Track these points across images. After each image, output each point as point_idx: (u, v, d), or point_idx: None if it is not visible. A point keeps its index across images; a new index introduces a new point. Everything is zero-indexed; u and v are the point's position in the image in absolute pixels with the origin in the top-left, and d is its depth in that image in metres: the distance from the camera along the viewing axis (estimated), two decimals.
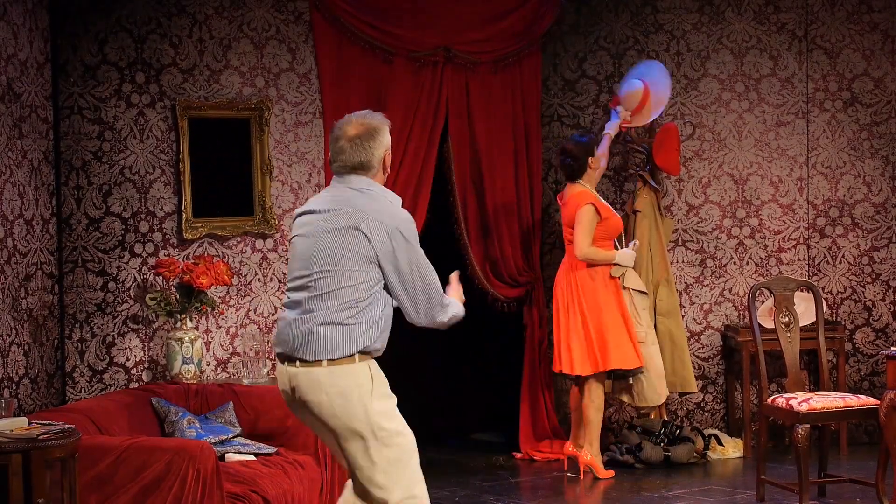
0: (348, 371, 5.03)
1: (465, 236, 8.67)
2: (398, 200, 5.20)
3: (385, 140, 5.16)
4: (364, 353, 5.06)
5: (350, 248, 5.02)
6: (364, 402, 5.03)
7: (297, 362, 5.08)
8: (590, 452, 8.22)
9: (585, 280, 8.17)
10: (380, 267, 5.03)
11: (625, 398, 8.56)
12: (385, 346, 5.16)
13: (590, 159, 8.23)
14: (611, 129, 8.55)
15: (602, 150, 8.41)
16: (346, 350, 5.02)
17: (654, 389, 8.46)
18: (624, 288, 8.31)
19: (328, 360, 5.03)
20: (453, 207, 8.67)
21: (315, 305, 5.07)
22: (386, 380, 5.16)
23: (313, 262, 5.08)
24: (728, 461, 8.69)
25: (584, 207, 8.11)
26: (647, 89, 8.50)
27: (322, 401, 5.03)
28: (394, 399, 5.19)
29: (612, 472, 8.26)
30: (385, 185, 5.24)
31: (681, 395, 8.96)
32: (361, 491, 5.11)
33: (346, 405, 5.02)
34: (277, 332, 5.22)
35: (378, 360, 5.21)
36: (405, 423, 5.19)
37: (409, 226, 5.08)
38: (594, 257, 8.15)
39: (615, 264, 8.19)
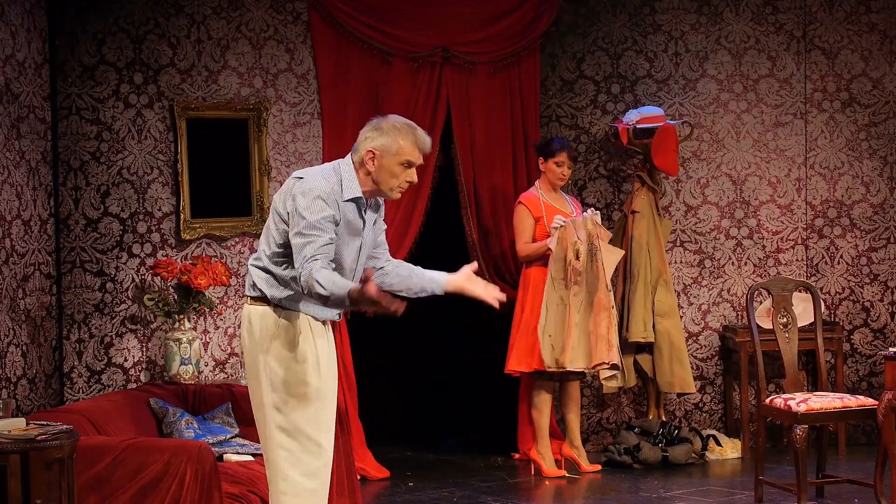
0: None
1: (471, 236, 8.68)
2: (333, 176, 5.17)
3: (379, 141, 5.15)
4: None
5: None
6: None
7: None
8: (536, 449, 8.35)
9: (526, 278, 8.30)
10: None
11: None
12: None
13: (539, 160, 8.32)
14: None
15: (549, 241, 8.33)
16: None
17: (667, 372, 8.57)
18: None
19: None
20: (460, 208, 8.67)
21: None
22: None
23: None
24: (726, 462, 8.69)
25: (518, 207, 8.28)
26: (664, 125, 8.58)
27: None
28: None
29: (561, 472, 8.28)
30: (369, 181, 5.21)
31: (679, 395, 8.96)
32: None
33: None
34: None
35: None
36: None
37: (305, 197, 5.08)
38: (530, 253, 8.29)
39: (550, 249, 8.21)
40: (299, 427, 5.15)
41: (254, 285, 5.23)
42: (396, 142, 5.16)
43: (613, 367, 8.17)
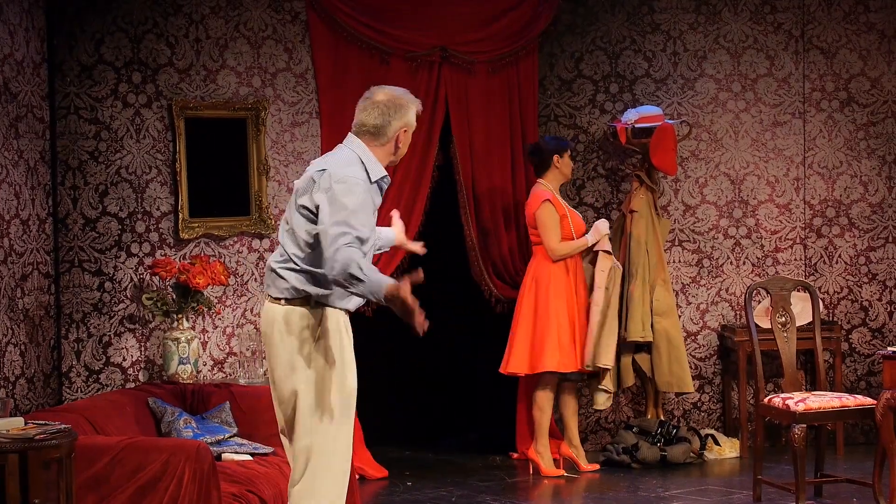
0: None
1: (470, 236, 8.67)
2: (375, 174, 5.25)
3: (406, 117, 5.33)
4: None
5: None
6: None
7: None
8: (535, 448, 8.35)
9: (544, 278, 8.26)
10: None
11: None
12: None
13: (555, 157, 8.32)
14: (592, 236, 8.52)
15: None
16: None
17: (666, 372, 8.58)
18: (594, 252, 8.37)
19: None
20: (459, 208, 8.67)
21: None
22: None
23: None
24: (725, 461, 8.69)
25: (540, 207, 8.24)
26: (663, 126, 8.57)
27: None
28: None
29: (560, 471, 8.29)
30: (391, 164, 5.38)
31: (677, 395, 8.96)
32: None
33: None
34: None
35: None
36: None
37: (341, 185, 5.10)
38: (568, 251, 8.28)
39: (590, 246, 8.30)
40: (335, 418, 5.31)
41: (289, 287, 5.24)
42: (412, 114, 5.35)
43: (605, 388, 8.38)
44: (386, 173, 5.33)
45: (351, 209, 5.07)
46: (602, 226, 8.39)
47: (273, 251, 8.22)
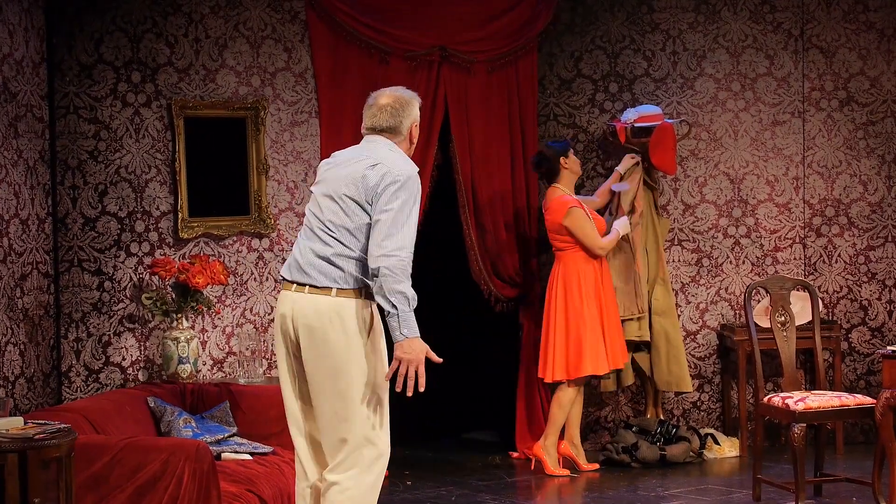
0: None
1: (469, 236, 8.67)
2: (415, 168, 5.48)
3: (414, 112, 5.58)
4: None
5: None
6: None
7: None
8: (542, 445, 8.31)
9: (573, 282, 8.24)
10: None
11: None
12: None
13: (562, 159, 8.33)
14: (620, 166, 8.68)
15: (605, 186, 8.72)
16: None
17: (665, 371, 8.59)
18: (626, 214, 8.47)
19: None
20: (459, 207, 8.67)
21: None
22: None
23: None
24: (724, 460, 8.69)
25: (572, 213, 8.24)
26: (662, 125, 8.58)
27: None
28: None
29: (565, 471, 8.28)
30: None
31: (677, 394, 8.96)
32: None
33: None
34: None
35: None
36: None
37: (402, 176, 5.34)
38: (611, 245, 8.35)
39: (623, 236, 8.42)
40: (381, 406, 5.48)
41: (344, 276, 5.32)
42: (417, 108, 5.61)
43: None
44: (417, 168, 5.54)
45: (409, 206, 5.28)
46: (623, 225, 8.42)
47: (272, 250, 8.23)
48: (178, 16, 8.09)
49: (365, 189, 5.33)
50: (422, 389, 5.33)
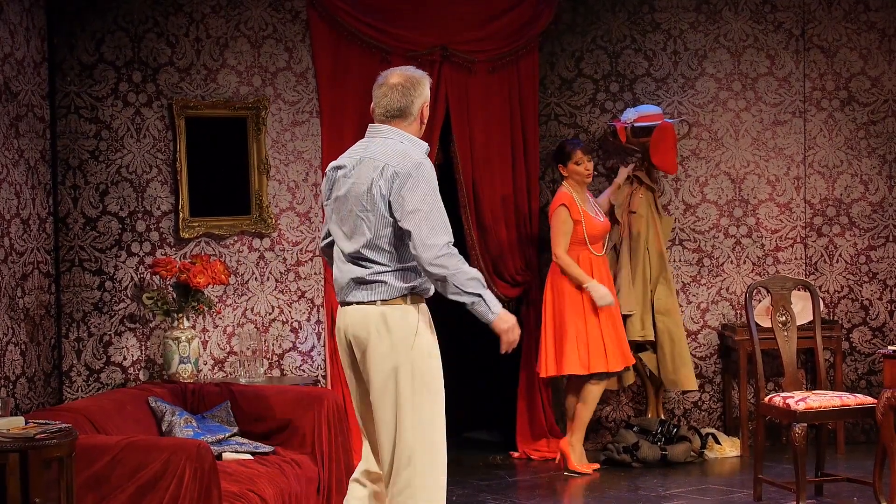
0: None
1: (470, 236, 8.68)
2: (423, 146, 5.44)
3: (425, 92, 5.48)
4: None
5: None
6: None
7: None
8: (569, 441, 8.35)
9: (559, 282, 8.26)
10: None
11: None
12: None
13: (559, 166, 8.33)
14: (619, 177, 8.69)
15: (605, 195, 8.75)
16: None
17: (670, 370, 8.59)
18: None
19: None
20: (459, 207, 8.67)
21: None
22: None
23: None
24: (725, 460, 8.69)
25: (556, 212, 8.24)
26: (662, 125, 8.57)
27: None
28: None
29: (589, 467, 8.27)
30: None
31: (682, 393, 8.96)
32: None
33: None
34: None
35: None
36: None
37: (420, 170, 5.29)
38: (566, 268, 8.25)
39: (586, 288, 8.24)
40: (437, 413, 5.63)
41: (386, 289, 5.31)
42: (427, 87, 5.52)
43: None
44: (427, 145, 5.49)
45: (434, 196, 5.25)
46: (600, 294, 8.26)
47: (272, 250, 8.22)
48: (179, 15, 8.09)
49: (381, 198, 5.27)
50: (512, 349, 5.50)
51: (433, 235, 5.19)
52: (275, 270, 8.25)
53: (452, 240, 5.27)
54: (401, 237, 5.29)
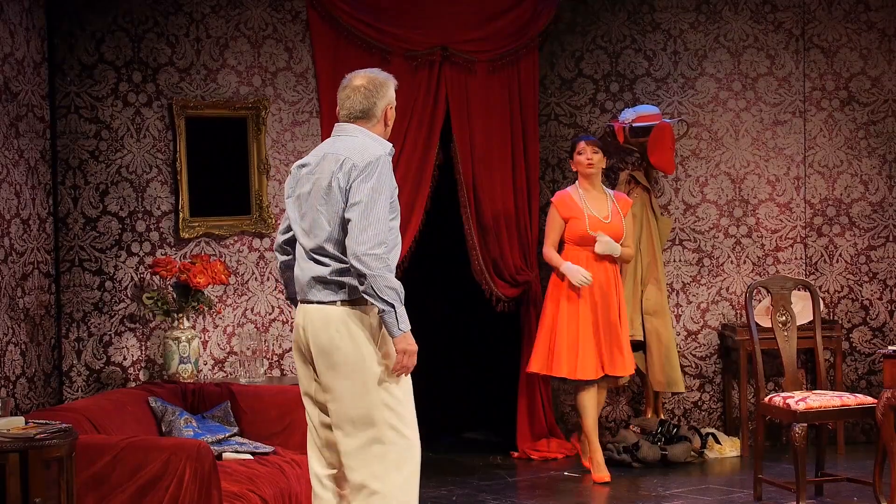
0: None
1: (471, 235, 8.67)
2: (386, 146, 5.39)
3: (389, 94, 5.46)
4: None
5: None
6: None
7: None
8: (581, 438, 8.39)
9: (556, 285, 8.26)
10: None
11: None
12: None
13: (570, 161, 8.33)
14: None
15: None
16: None
17: (657, 371, 8.59)
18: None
19: None
20: (460, 207, 8.66)
21: None
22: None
23: None
24: (725, 460, 8.69)
25: (550, 208, 8.25)
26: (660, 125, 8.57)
27: None
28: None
29: (599, 477, 8.19)
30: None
31: (673, 394, 8.96)
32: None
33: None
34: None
35: None
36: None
37: (374, 166, 5.24)
38: (548, 262, 8.26)
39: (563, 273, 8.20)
40: (406, 410, 5.40)
41: (346, 289, 5.27)
42: (392, 89, 5.50)
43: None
44: (392, 145, 5.44)
45: (383, 195, 5.19)
46: (572, 272, 8.15)
47: (272, 250, 8.23)
48: (179, 15, 8.09)
49: (339, 190, 5.25)
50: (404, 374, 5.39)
51: (368, 230, 5.15)
52: (275, 270, 8.25)
53: (388, 245, 5.19)
54: None
